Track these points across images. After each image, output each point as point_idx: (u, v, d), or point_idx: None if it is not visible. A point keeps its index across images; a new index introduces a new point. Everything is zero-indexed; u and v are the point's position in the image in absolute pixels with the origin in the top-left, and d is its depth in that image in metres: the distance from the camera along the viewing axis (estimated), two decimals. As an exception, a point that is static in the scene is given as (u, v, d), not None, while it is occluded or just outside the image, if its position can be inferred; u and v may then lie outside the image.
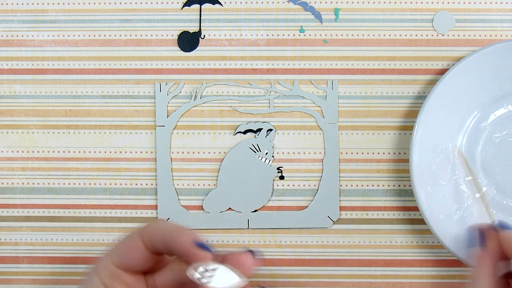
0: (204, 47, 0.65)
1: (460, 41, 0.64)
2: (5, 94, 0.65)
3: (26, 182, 0.65)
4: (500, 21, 0.64)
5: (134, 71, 0.65)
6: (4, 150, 0.65)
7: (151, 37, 0.65)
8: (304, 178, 0.65)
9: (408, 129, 0.65)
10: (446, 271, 0.65)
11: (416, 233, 0.65)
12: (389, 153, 0.65)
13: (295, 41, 0.65)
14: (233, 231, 0.65)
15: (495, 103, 0.63)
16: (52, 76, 0.65)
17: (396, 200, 0.65)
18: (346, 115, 0.65)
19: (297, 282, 0.65)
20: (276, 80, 0.65)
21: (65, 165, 0.65)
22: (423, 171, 0.62)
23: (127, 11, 0.65)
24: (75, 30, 0.65)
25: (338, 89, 0.65)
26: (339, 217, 0.65)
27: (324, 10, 0.65)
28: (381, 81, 0.65)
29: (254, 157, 0.64)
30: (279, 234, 0.65)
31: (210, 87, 0.65)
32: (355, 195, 0.65)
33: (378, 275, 0.65)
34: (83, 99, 0.65)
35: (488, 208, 0.62)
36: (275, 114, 0.65)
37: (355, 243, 0.65)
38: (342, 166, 0.65)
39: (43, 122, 0.65)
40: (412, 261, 0.65)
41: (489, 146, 0.64)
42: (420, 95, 0.64)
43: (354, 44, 0.65)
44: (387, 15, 0.64)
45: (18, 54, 0.65)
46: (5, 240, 0.66)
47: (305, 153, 0.65)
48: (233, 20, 0.65)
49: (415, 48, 0.64)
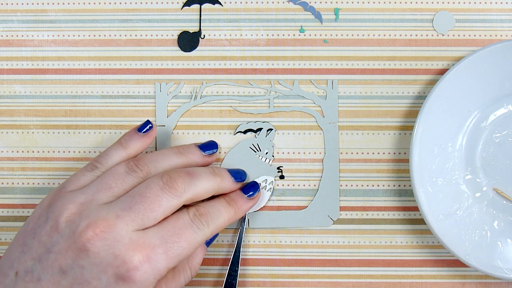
0: (204, 47, 0.65)
1: (460, 41, 0.64)
2: (5, 94, 0.65)
3: (26, 182, 0.65)
4: (500, 21, 0.64)
5: (134, 71, 0.65)
6: (4, 150, 0.65)
7: (151, 37, 0.65)
8: (304, 178, 0.65)
9: (408, 129, 0.65)
10: (446, 271, 0.65)
11: (416, 233, 0.65)
12: (389, 153, 0.65)
13: (295, 41, 0.65)
14: (233, 231, 0.65)
15: (495, 103, 0.63)
16: (52, 76, 0.65)
17: (396, 200, 0.65)
18: (346, 115, 0.65)
19: (297, 282, 0.65)
20: (276, 80, 0.65)
21: (65, 165, 0.65)
22: (423, 171, 0.62)
23: (127, 11, 0.65)
24: (75, 30, 0.65)
25: (338, 89, 0.65)
26: (339, 217, 0.65)
27: (324, 10, 0.65)
28: (381, 81, 0.65)
29: (254, 156, 0.64)
30: (279, 234, 0.65)
31: (210, 87, 0.65)
32: (355, 195, 0.65)
33: (378, 275, 0.65)
34: (83, 99, 0.65)
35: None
36: (275, 114, 0.65)
37: (355, 243, 0.65)
38: (342, 166, 0.65)
39: (43, 122, 0.65)
40: (412, 261, 0.65)
41: (489, 146, 0.64)
42: (420, 95, 0.64)
43: (354, 44, 0.65)
44: (387, 15, 0.64)
45: (18, 54, 0.65)
46: (5, 240, 0.66)
47: (305, 153, 0.65)
48: (233, 20, 0.65)
49: (415, 48, 0.64)
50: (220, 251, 0.65)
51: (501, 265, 0.62)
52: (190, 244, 0.56)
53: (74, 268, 0.53)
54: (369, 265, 0.65)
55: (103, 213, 0.54)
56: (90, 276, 0.53)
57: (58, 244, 0.54)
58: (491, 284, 0.65)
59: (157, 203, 0.55)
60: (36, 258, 0.54)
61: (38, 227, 0.55)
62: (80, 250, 0.53)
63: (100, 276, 0.53)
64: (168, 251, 0.55)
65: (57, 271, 0.54)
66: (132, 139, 0.61)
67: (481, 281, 0.65)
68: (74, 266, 0.53)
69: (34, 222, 0.56)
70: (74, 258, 0.53)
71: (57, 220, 0.55)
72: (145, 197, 0.55)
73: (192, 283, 0.65)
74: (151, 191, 0.56)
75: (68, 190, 0.57)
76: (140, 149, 0.61)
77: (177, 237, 0.55)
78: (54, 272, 0.54)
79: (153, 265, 0.54)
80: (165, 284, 0.58)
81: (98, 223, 0.54)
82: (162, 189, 0.56)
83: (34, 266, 0.54)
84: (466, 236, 0.62)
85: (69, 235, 0.54)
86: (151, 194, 0.56)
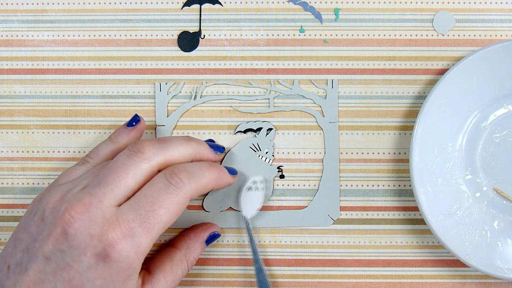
0: (204, 47, 0.65)
1: (460, 41, 0.64)
2: (5, 94, 0.65)
3: (26, 182, 0.65)
4: (500, 21, 0.64)
5: (134, 71, 0.65)
6: (4, 150, 0.65)
7: (151, 37, 0.65)
8: (304, 178, 0.65)
9: (408, 129, 0.65)
10: (446, 271, 0.65)
11: (416, 233, 0.65)
12: (389, 153, 0.65)
13: (295, 41, 0.65)
14: (233, 230, 0.65)
15: (495, 103, 0.63)
16: (52, 76, 0.65)
17: (396, 200, 0.65)
18: (346, 115, 0.65)
19: (297, 282, 0.65)
20: (276, 80, 0.65)
21: (65, 165, 0.65)
22: (423, 171, 0.62)
23: (127, 11, 0.65)
24: (75, 30, 0.65)
25: (338, 89, 0.65)
26: (339, 217, 0.65)
27: (324, 10, 0.65)
28: (381, 81, 0.65)
29: (254, 156, 0.64)
30: (279, 234, 0.65)
31: (210, 87, 0.65)
32: (355, 195, 0.65)
33: (378, 275, 0.65)
34: (83, 99, 0.65)
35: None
36: (275, 113, 0.65)
37: (355, 243, 0.65)
38: (342, 166, 0.65)
39: (43, 122, 0.65)
40: (412, 261, 0.65)
41: (489, 146, 0.64)
42: (420, 95, 0.64)
43: (354, 44, 0.65)
44: (387, 15, 0.64)
45: (18, 54, 0.65)
46: (5, 240, 0.66)
47: (305, 153, 0.65)
48: (233, 20, 0.65)
49: (415, 48, 0.64)
50: (221, 251, 0.65)
51: (501, 265, 0.61)
52: (168, 209, 0.54)
53: (56, 254, 0.53)
54: (369, 265, 0.65)
55: (79, 195, 0.54)
56: (71, 260, 0.53)
57: (42, 232, 0.54)
58: (491, 284, 0.65)
59: (124, 170, 0.54)
60: (25, 249, 0.54)
61: (29, 221, 0.55)
62: (60, 234, 0.53)
63: (80, 259, 0.52)
64: (143, 222, 0.53)
65: (41, 258, 0.53)
66: (121, 134, 0.61)
67: (481, 281, 0.65)
68: (55, 252, 0.53)
69: (26, 216, 0.56)
70: (55, 243, 0.53)
71: (43, 210, 0.55)
72: (112, 168, 0.54)
73: (191, 283, 0.65)
74: (117, 162, 0.55)
75: (59, 183, 0.57)
76: (129, 143, 0.61)
77: (151, 205, 0.53)
78: (38, 260, 0.53)
79: (130, 240, 0.52)
80: (163, 277, 0.58)
81: (74, 205, 0.53)
82: (129, 156, 0.55)
83: (23, 258, 0.54)
84: (466, 236, 0.62)
85: (51, 222, 0.54)
86: (118, 164, 0.54)
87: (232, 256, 0.65)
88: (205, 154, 0.59)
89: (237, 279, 0.65)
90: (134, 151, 0.55)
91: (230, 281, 0.65)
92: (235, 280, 0.65)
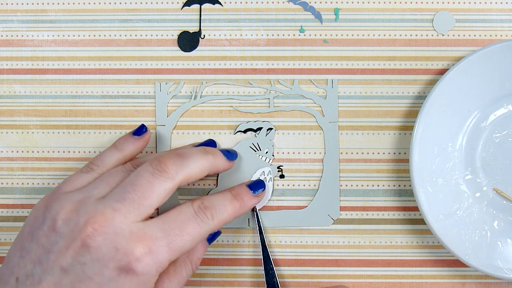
0: (204, 47, 0.65)
1: (460, 41, 0.64)
2: (5, 94, 0.65)
3: (26, 182, 0.65)
4: (500, 21, 0.64)
5: (134, 71, 0.65)
6: (4, 150, 0.65)
7: (151, 37, 0.65)
8: (304, 178, 0.65)
9: (408, 129, 0.65)
10: (446, 271, 0.65)
11: (416, 233, 0.65)
12: (389, 153, 0.65)
13: (295, 41, 0.65)
14: (233, 230, 0.65)
15: (495, 103, 0.63)
16: (52, 76, 0.65)
17: (396, 200, 0.65)
18: (346, 115, 0.65)
19: (297, 282, 0.65)
20: (276, 80, 0.65)
21: (65, 165, 0.65)
22: (423, 171, 0.62)
23: (127, 11, 0.65)
24: (75, 30, 0.65)
25: (338, 89, 0.65)
26: (339, 217, 0.65)
27: (324, 10, 0.65)
28: (381, 81, 0.65)
29: (254, 156, 0.64)
30: (279, 234, 0.65)
31: (210, 87, 0.65)
32: (355, 195, 0.65)
33: (378, 275, 0.65)
34: (83, 99, 0.65)
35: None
36: (275, 113, 0.65)
37: (355, 243, 0.65)
38: (342, 166, 0.65)
39: (43, 122, 0.65)
40: (412, 261, 0.65)
41: (489, 146, 0.64)
42: (420, 95, 0.64)
43: (354, 44, 0.65)
44: (387, 15, 0.64)
45: (18, 54, 0.65)
46: (5, 240, 0.66)
47: (305, 152, 0.65)
48: (233, 20, 0.65)
49: (415, 48, 0.64)
50: (221, 251, 0.65)
51: (501, 265, 0.61)
52: (193, 237, 0.56)
53: (75, 266, 0.53)
54: (369, 265, 0.65)
55: (99, 207, 0.54)
56: (92, 272, 0.53)
57: (57, 243, 0.54)
58: (491, 284, 0.65)
59: (150, 189, 0.55)
60: (36, 261, 0.54)
61: (36, 230, 0.55)
62: (81, 247, 0.53)
63: (102, 271, 0.53)
64: (170, 243, 0.55)
65: (58, 270, 0.53)
66: (127, 142, 0.61)
67: (481, 281, 0.65)
68: (75, 264, 0.53)
69: (31, 225, 0.56)
70: (75, 256, 0.53)
71: (54, 220, 0.55)
72: (137, 185, 0.55)
73: (193, 283, 0.65)
74: (142, 179, 0.55)
75: (64, 191, 0.57)
76: (134, 152, 0.62)
77: (180, 230, 0.55)
78: (54, 272, 0.53)
79: (155, 257, 0.54)
80: (167, 279, 0.58)
81: (96, 218, 0.54)
82: (153, 174, 0.56)
83: (34, 269, 0.54)
84: (466, 236, 0.62)
85: (67, 234, 0.54)
86: (143, 181, 0.55)
87: (232, 256, 0.65)
88: (220, 166, 0.61)
89: (237, 279, 0.65)
90: (159, 171, 0.56)
91: (230, 281, 0.65)
92: (235, 280, 0.65)
